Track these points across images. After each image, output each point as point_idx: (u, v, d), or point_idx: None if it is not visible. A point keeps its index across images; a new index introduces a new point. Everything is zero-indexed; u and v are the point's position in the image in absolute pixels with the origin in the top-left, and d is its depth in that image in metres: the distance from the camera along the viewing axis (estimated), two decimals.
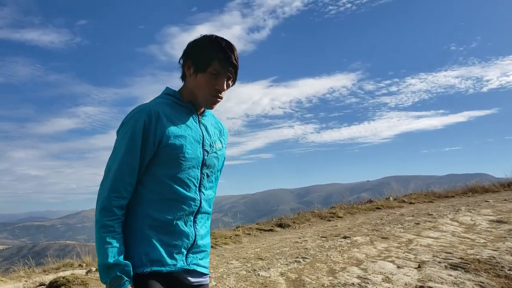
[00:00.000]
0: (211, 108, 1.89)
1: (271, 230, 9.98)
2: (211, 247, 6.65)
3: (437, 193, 16.73)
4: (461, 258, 6.21)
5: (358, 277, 5.44)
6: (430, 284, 5.04)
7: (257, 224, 10.81)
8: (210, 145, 1.91)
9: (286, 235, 9.27)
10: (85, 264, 7.68)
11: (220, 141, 2.01)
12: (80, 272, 6.69)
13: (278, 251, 7.22)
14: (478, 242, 7.55)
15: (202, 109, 1.95)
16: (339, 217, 11.44)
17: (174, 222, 1.77)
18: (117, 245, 1.66)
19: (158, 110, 1.78)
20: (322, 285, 5.08)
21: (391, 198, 14.86)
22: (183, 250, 1.80)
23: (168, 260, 1.75)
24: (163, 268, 1.73)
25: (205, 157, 1.87)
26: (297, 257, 6.60)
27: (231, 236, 9.05)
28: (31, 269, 7.79)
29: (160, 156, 1.76)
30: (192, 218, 1.84)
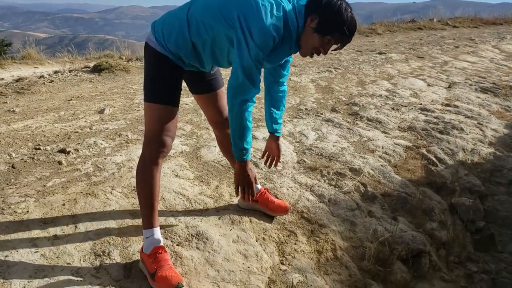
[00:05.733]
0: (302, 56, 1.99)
1: None
2: None
3: (484, 19, 15.74)
4: (494, 83, 6.22)
5: (387, 90, 5.59)
6: (456, 103, 5.18)
7: None
8: None
9: None
10: (124, 57, 7.98)
11: None
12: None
13: (311, 59, 7.28)
14: None
15: None
16: (378, 33, 11.15)
17: None
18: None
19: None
20: (350, 94, 5.27)
21: (435, 20, 14.15)
22: None
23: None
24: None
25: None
26: (329, 67, 6.71)
27: None
28: (74, 57, 8.19)
29: None
30: None
